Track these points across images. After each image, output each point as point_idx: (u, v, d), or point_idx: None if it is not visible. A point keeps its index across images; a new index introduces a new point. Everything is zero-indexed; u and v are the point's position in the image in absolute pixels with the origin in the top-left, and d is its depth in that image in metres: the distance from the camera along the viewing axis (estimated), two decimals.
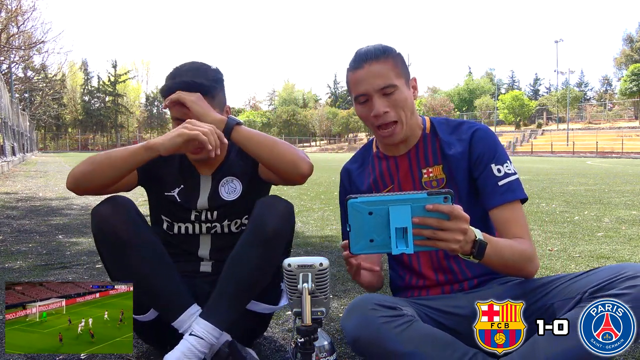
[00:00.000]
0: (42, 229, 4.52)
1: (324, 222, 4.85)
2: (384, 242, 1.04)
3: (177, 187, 1.62)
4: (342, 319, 1.26)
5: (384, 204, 1.03)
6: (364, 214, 1.03)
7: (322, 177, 11.77)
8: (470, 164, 1.39)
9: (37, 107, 39.57)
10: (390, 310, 1.20)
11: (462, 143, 1.40)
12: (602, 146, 36.73)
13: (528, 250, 1.28)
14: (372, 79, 1.33)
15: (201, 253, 1.64)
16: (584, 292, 1.14)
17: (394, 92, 1.34)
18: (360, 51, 1.37)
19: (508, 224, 1.32)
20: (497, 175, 1.34)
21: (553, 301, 1.22)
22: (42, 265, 3.11)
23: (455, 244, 1.07)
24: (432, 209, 1.03)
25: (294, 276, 1.18)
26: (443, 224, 1.05)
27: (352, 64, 1.37)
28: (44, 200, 6.98)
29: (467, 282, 1.41)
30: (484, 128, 1.42)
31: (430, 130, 1.46)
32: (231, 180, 1.63)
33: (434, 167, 1.43)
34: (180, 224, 1.62)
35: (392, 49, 1.37)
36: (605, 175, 12.67)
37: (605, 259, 3.20)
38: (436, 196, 1.04)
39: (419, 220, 1.03)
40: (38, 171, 14.47)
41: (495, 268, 1.25)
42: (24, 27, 21.85)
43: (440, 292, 1.42)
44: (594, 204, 6.23)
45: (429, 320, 1.32)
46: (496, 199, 1.33)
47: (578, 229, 4.37)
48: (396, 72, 1.34)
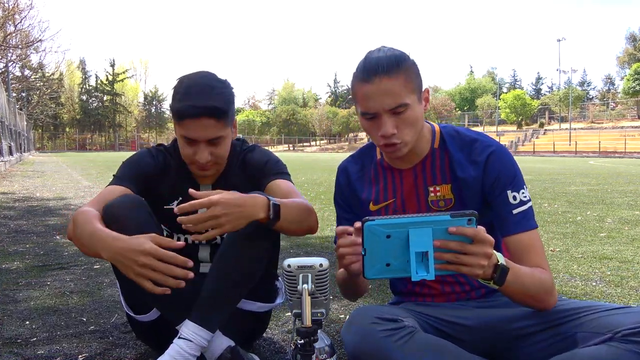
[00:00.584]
0: (39, 229, 4.52)
1: (324, 223, 4.85)
2: (401, 266, 1.01)
3: (176, 200, 1.59)
4: (342, 331, 1.25)
5: (404, 226, 0.98)
6: (382, 237, 0.99)
7: (322, 177, 11.77)
8: (485, 188, 1.32)
9: (34, 107, 39.57)
10: (391, 323, 1.17)
11: (476, 166, 1.32)
12: (604, 146, 36.72)
13: (548, 281, 1.23)
14: (382, 98, 1.22)
15: (201, 256, 1.64)
16: (617, 331, 1.11)
17: (404, 112, 1.24)
18: (371, 60, 1.25)
19: (525, 252, 1.26)
20: (512, 203, 1.28)
21: (576, 331, 1.18)
22: (39, 266, 3.11)
23: (479, 269, 1.03)
24: (456, 232, 0.99)
25: (293, 277, 1.18)
26: (466, 248, 1.01)
27: (360, 74, 1.25)
28: (41, 200, 6.98)
29: (475, 291, 1.39)
30: (501, 150, 1.33)
31: (439, 144, 1.38)
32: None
33: (442, 185, 1.36)
34: (180, 235, 1.62)
35: (405, 59, 1.25)
36: (608, 175, 12.66)
37: (608, 259, 3.20)
38: (460, 218, 0.99)
39: (441, 244, 0.99)
40: (35, 171, 14.46)
41: (513, 296, 1.20)
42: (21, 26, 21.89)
43: (446, 300, 1.39)
44: (597, 204, 6.23)
45: (432, 329, 1.30)
46: (510, 228, 1.28)
47: (580, 229, 4.37)
48: (409, 88, 1.24)
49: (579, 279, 2.75)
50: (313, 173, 13.60)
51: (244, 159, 1.62)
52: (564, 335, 1.21)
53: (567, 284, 2.65)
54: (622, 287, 2.57)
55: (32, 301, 2.37)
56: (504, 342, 1.29)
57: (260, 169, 1.59)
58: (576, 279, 2.75)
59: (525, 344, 1.26)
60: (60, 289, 2.57)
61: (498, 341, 1.29)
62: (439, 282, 1.39)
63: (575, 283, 2.68)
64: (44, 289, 2.59)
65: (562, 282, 2.67)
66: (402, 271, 1.01)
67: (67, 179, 11.15)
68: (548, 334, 1.23)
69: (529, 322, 1.26)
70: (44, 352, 1.72)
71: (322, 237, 4.06)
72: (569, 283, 2.68)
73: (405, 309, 1.33)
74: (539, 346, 1.24)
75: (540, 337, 1.24)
